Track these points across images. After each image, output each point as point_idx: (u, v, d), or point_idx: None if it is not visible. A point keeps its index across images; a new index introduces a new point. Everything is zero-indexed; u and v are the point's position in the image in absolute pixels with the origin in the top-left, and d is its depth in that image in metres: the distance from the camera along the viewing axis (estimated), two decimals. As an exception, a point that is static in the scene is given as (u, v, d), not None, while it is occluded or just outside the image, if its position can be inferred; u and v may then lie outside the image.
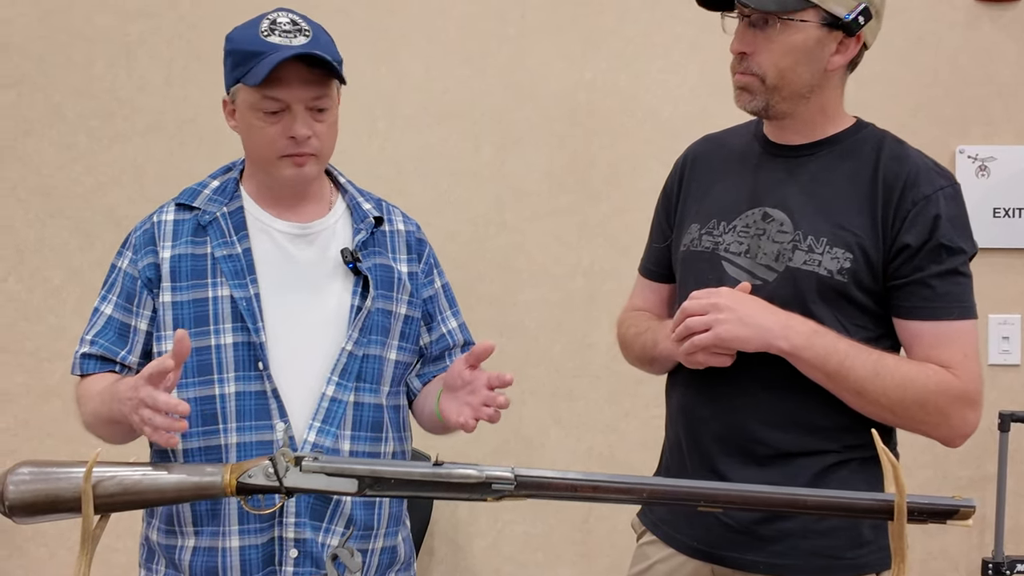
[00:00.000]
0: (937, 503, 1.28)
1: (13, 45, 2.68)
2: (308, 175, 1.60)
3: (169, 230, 1.62)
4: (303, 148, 1.56)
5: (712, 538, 1.60)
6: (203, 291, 1.58)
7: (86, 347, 1.61)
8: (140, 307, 1.60)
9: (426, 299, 1.72)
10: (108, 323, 1.61)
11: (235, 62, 1.56)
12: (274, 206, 1.64)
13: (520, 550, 2.76)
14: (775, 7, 1.52)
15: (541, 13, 2.70)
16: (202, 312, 1.57)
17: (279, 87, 1.52)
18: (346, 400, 1.59)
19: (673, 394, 1.72)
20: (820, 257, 1.55)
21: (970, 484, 2.63)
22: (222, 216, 1.62)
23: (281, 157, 1.57)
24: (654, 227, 1.83)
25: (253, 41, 1.53)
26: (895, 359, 1.54)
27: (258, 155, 1.60)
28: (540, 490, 1.29)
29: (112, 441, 1.58)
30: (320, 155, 1.59)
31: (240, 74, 1.54)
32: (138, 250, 1.62)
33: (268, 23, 1.55)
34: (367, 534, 1.61)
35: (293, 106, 1.54)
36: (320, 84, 1.55)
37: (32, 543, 2.73)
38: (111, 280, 1.64)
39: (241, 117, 1.59)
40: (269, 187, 1.63)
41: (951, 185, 1.56)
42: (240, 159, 1.69)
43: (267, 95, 1.53)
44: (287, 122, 1.54)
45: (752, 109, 1.60)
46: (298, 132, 1.54)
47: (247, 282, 1.58)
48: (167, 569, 1.60)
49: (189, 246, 1.60)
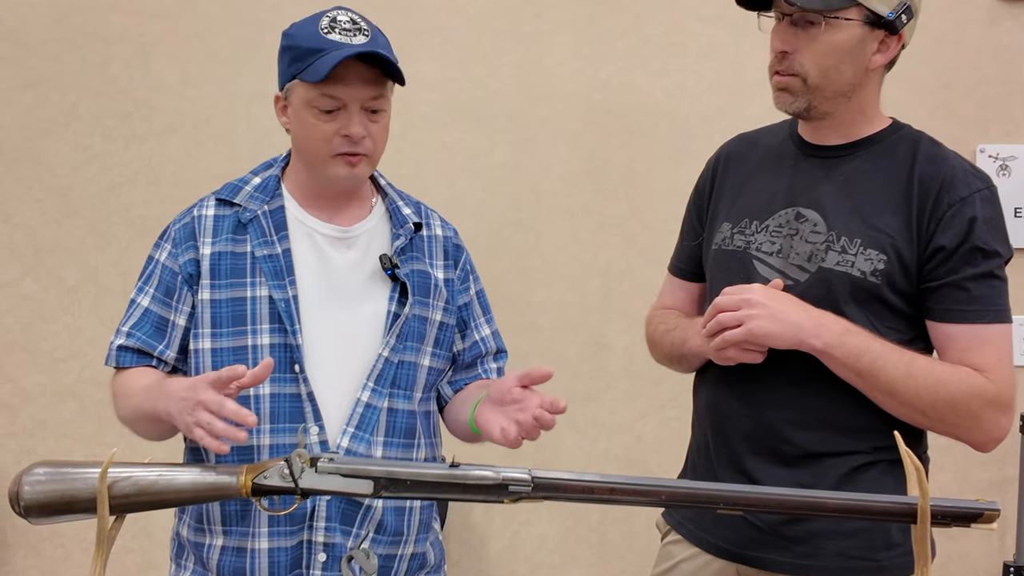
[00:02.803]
0: (961, 506, 1.26)
1: (30, 46, 2.68)
2: (359, 176, 1.60)
3: (210, 225, 1.61)
4: (357, 148, 1.55)
5: (738, 538, 1.59)
6: (242, 290, 1.57)
7: (122, 339, 1.59)
8: (179, 302, 1.59)
9: (461, 306, 1.71)
10: (145, 315, 1.60)
11: (293, 58, 1.55)
12: (315, 206, 1.63)
13: (535, 552, 2.75)
14: (820, 5, 1.51)
15: (557, 12, 2.69)
16: (240, 311, 1.56)
17: (338, 85, 1.52)
18: (381, 406, 1.58)
19: (701, 392, 1.71)
20: (853, 258, 1.53)
21: (991, 487, 2.60)
22: (263, 215, 1.61)
23: (335, 156, 1.56)
24: (685, 225, 1.82)
25: (314, 38, 1.53)
26: (928, 360, 1.53)
27: (311, 153, 1.59)
28: (557, 492, 1.28)
29: (147, 437, 1.58)
30: (372, 156, 1.59)
31: (298, 70, 1.53)
32: (178, 244, 1.60)
33: (328, 20, 1.54)
34: (397, 540, 1.60)
35: (350, 105, 1.53)
36: (378, 84, 1.55)
37: (48, 543, 2.73)
38: (148, 272, 1.63)
39: (295, 113, 1.57)
40: (314, 186, 1.62)
41: (987, 187, 1.55)
42: (280, 156, 1.69)
43: (326, 92, 1.52)
44: (343, 121, 1.54)
45: (793, 111, 1.59)
46: (353, 131, 1.54)
47: (286, 283, 1.57)
48: (195, 566, 1.60)
49: (229, 243, 1.59)
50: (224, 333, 1.56)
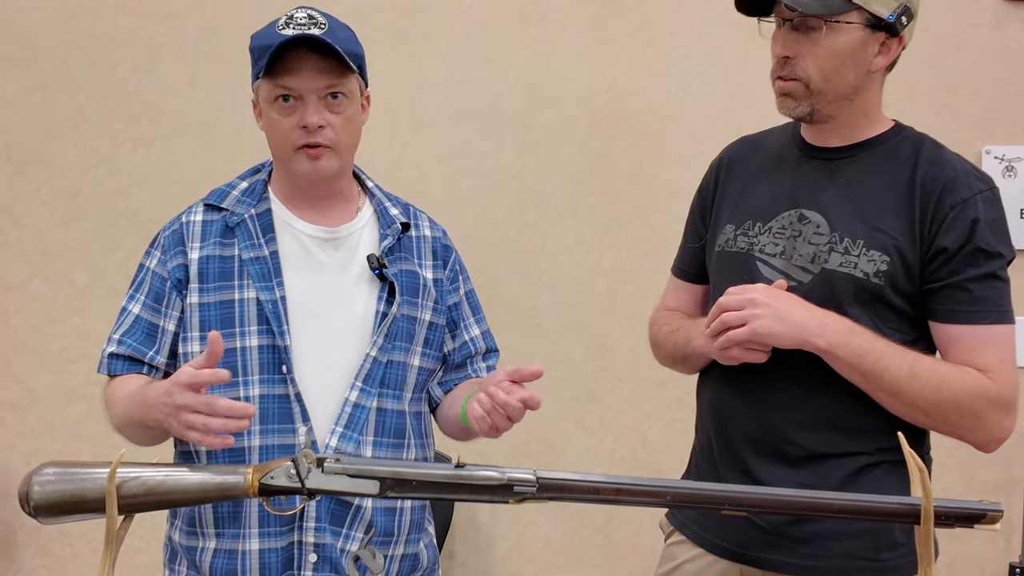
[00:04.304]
0: (965, 507, 1.27)
1: (38, 48, 2.70)
2: (324, 169, 1.58)
3: (198, 231, 1.62)
4: (316, 138, 1.55)
5: (742, 539, 1.59)
6: (230, 293, 1.58)
7: (113, 346, 1.61)
8: (169, 308, 1.60)
9: (450, 306, 1.72)
10: (136, 322, 1.61)
11: (255, 58, 1.58)
12: (301, 208, 1.64)
13: (541, 553, 2.76)
14: (821, 10, 1.51)
15: (562, 14, 2.69)
16: (228, 314, 1.58)
17: (290, 76, 1.53)
18: (369, 406, 1.59)
19: (704, 393, 1.71)
20: (856, 259, 1.54)
21: (996, 488, 2.60)
22: (250, 218, 1.62)
23: (297, 150, 1.57)
24: (688, 227, 1.82)
25: (269, 35, 1.55)
26: (931, 361, 1.53)
27: (278, 151, 1.61)
28: (562, 492, 1.28)
29: (141, 444, 1.58)
30: (336, 148, 1.58)
31: (259, 68, 1.56)
32: (167, 250, 1.62)
33: (285, 18, 1.56)
34: (387, 540, 1.61)
35: (306, 96, 1.54)
36: (332, 74, 1.55)
37: (57, 543, 2.74)
38: (139, 279, 1.65)
39: (264, 115, 1.60)
40: (293, 186, 1.64)
41: (989, 189, 1.55)
42: (268, 160, 1.70)
43: (279, 83, 1.54)
44: (300, 112, 1.55)
45: (797, 115, 1.59)
46: (308, 120, 1.54)
47: (273, 285, 1.58)
48: (188, 570, 1.61)
49: (217, 247, 1.60)
50: None
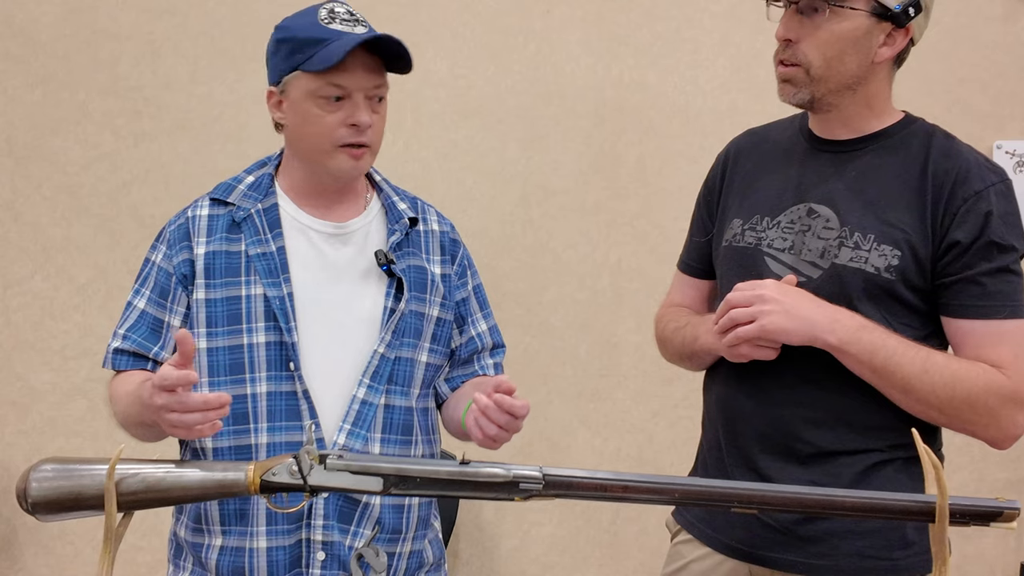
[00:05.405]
0: (980, 505, 1.24)
1: (39, 44, 2.68)
2: (362, 169, 1.59)
3: (204, 226, 1.60)
4: (362, 138, 1.55)
5: (751, 537, 1.57)
6: (236, 289, 1.57)
7: (118, 341, 1.59)
8: (174, 303, 1.58)
9: (458, 301, 1.70)
10: (141, 317, 1.59)
11: (292, 49, 1.54)
12: (309, 203, 1.62)
13: (546, 551, 2.74)
14: None
15: (567, 8, 2.67)
16: (235, 310, 1.56)
17: (344, 73, 1.51)
18: (377, 403, 1.57)
19: (712, 390, 1.69)
20: (867, 254, 1.51)
21: (1008, 486, 2.58)
22: (257, 213, 1.60)
23: (339, 147, 1.55)
24: (695, 222, 1.80)
25: (314, 28, 1.52)
26: (944, 356, 1.50)
27: (311, 146, 1.57)
28: (569, 490, 1.26)
29: (144, 440, 1.57)
30: (373, 148, 1.59)
31: (299, 60, 1.52)
32: (172, 245, 1.60)
33: (327, 12, 1.54)
34: (395, 537, 1.59)
35: (354, 94, 1.53)
36: (380, 73, 1.56)
37: (58, 541, 2.73)
38: (144, 274, 1.63)
39: (293, 106, 1.56)
40: (309, 183, 1.61)
41: (1002, 181, 1.53)
42: (274, 154, 1.67)
43: (332, 81, 1.52)
44: (348, 110, 1.53)
45: (797, 102, 1.57)
46: (361, 119, 1.53)
47: (280, 281, 1.56)
48: (194, 567, 1.59)
49: (224, 243, 1.59)
50: (220, 332, 1.55)
